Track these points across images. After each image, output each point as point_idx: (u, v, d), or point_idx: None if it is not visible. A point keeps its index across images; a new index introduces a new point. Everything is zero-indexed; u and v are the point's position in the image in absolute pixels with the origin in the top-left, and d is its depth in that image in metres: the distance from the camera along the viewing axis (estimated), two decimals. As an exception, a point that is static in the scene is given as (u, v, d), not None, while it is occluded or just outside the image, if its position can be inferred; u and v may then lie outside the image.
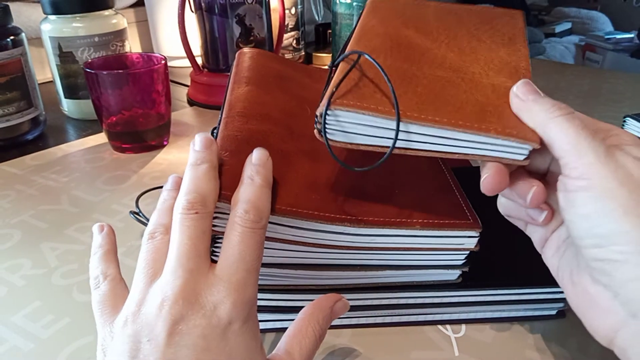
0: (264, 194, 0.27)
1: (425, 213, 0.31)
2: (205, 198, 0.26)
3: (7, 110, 0.61)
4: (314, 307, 0.28)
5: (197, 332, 0.23)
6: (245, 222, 0.25)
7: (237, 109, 0.35)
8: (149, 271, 0.25)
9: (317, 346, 0.27)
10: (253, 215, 0.26)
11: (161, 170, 0.57)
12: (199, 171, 0.27)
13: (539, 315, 0.35)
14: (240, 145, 0.31)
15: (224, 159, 0.30)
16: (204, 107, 0.76)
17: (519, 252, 0.37)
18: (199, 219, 0.26)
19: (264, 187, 0.27)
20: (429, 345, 0.33)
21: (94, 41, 0.68)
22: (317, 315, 0.28)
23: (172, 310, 0.23)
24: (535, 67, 0.95)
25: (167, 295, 0.24)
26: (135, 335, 0.23)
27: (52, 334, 0.34)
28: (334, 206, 0.30)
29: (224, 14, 0.72)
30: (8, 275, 0.40)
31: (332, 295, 0.29)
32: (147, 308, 0.24)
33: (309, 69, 0.47)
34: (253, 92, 0.38)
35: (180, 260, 0.25)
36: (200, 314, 0.23)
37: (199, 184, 0.27)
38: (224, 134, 0.33)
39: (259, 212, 0.26)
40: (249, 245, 0.25)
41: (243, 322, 0.24)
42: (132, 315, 0.24)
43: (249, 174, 0.28)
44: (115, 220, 0.47)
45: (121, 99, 0.57)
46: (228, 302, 0.24)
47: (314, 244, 0.30)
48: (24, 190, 0.53)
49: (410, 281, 0.33)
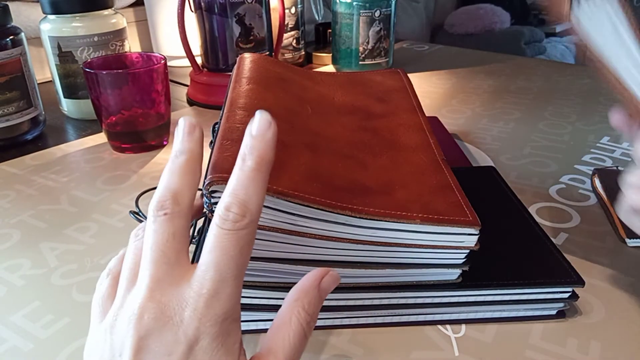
0: (253, 180, 0.23)
1: (425, 209, 0.31)
2: (177, 194, 0.24)
3: (6, 110, 0.61)
4: (297, 291, 0.25)
5: (162, 349, 0.21)
6: (224, 223, 0.22)
7: (239, 104, 0.35)
8: (129, 275, 0.24)
9: (306, 337, 0.24)
10: (235, 212, 0.22)
11: (161, 170, 0.56)
12: (175, 165, 0.25)
13: (539, 315, 0.35)
14: (242, 134, 0.31)
15: (226, 146, 0.30)
16: (203, 106, 0.76)
17: (519, 252, 0.37)
18: (167, 220, 0.23)
19: (256, 171, 0.23)
20: (429, 345, 0.33)
21: (94, 41, 0.68)
22: (302, 301, 0.24)
23: (138, 325, 0.22)
24: (535, 66, 0.95)
25: (134, 309, 0.22)
26: (112, 349, 0.22)
27: (52, 334, 0.34)
28: (335, 196, 0.30)
29: (223, 13, 0.72)
30: (7, 275, 0.40)
31: (315, 272, 0.25)
32: (119, 321, 0.23)
33: (309, 72, 0.47)
34: (254, 89, 0.38)
35: (149, 270, 0.23)
36: (166, 328, 0.21)
37: (172, 180, 0.24)
38: (226, 126, 0.33)
39: (242, 206, 0.22)
40: (225, 251, 0.22)
41: (213, 338, 0.22)
42: (110, 328, 0.23)
43: (242, 151, 0.23)
44: (114, 220, 0.47)
45: (121, 98, 0.57)
46: (195, 317, 0.21)
47: (312, 235, 0.30)
48: (24, 190, 0.53)
49: (410, 281, 0.33)
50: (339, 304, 0.33)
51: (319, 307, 0.25)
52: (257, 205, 0.23)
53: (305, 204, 0.28)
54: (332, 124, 0.38)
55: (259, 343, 0.24)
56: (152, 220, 0.24)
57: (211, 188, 0.27)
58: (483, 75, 0.90)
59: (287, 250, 0.31)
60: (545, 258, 0.36)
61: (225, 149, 0.30)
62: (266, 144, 0.23)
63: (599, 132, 0.65)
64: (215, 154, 0.30)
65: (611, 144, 0.62)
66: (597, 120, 0.68)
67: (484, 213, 0.32)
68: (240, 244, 0.22)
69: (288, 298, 0.25)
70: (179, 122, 0.26)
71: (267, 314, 0.33)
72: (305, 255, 0.31)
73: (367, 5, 0.82)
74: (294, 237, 0.30)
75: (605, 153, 0.59)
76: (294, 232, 0.30)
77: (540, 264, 0.35)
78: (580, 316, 0.35)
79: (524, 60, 1.03)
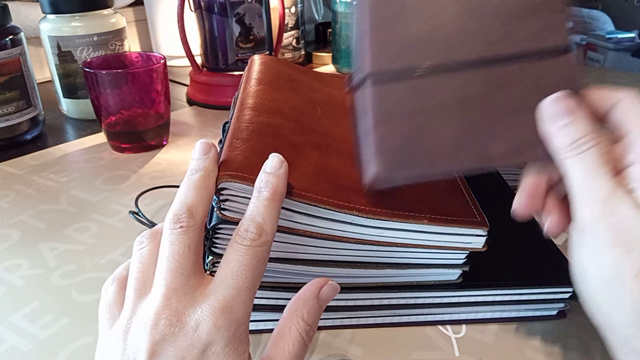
0: (268, 208, 0.26)
1: (433, 209, 0.31)
2: (193, 209, 0.26)
3: (6, 110, 0.61)
4: (297, 302, 0.26)
5: (176, 354, 0.22)
6: (243, 240, 0.24)
7: (249, 104, 0.36)
8: (137, 285, 0.25)
9: (306, 346, 0.25)
10: (252, 232, 0.25)
11: (160, 170, 0.57)
12: (191, 181, 0.27)
13: (540, 315, 0.35)
14: (251, 134, 0.32)
15: (236, 145, 0.30)
16: (203, 106, 0.76)
17: (520, 252, 0.37)
18: (183, 233, 0.25)
19: (270, 200, 0.26)
20: (429, 346, 0.33)
21: (93, 40, 0.68)
22: (301, 311, 0.25)
23: (153, 331, 0.23)
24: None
25: (150, 315, 0.23)
26: (125, 354, 0.23)
27: (51, 334, 0.34)
28: (343, 195, 0.30)
29: (223, 13, 0.71)
30: (7, 275, 0.40)
31: (315, 282, 0.27)
32: (134, 327, 0.24)
33: (320, 74, 0.47)
34: (264, 90, 0.38)
35: (165, 279, 0.24)
36: (181, 334, 0.23)
37: (188, 194, 0.26)
38: (235, 125, 0.33)
39: (259, 228, 0.25)
40: (243, 263, 0.24)
41: (226, 344, 0.23)
42: (123, 333, 0.24)
43: (257, 185, 0.27)
44: (114, 220, 0.47)
45: (120, 98, 0.57)
46: (210, 321, 0.23)
47: (318, 234, 0.30)
48: (23, 190, 0.53)
49: (411, 281, 0.33)
50: (339, 304, 0.33)
51: (319, 317, 0.26)
52: (271, 228, 0.25)
53: (313, 203, 0.28)
54: (341, 125, 0.38)
55: (264, 350, 0.25)
56: (169, 232, 0.25)
57: (220, 185, 0.28)
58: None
59: (292, 250, 0.31)
60: (545, 258, 0.36)
61: (234, 147, 0.30)
62: (279, 179, 0.27)
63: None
64: (225, 152, 0.30)
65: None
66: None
67: (485, 213, 0.32)
68: (257, 258, 0.24)
69: (288, 308, 0.26)
70: (196, 144, 0.28)
71: (270, 314, 0.33)
72: (310, 255, 0.31)
73: (367, 4, 0.82)
74: (299, 237, 0.30)
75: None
76: (301, 232, 0.30)
77: (540, 264, 0.35)
78: (581, 316, 0.35)
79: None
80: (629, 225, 0.22)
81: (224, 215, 0.28)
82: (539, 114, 0.26)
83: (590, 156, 0.24)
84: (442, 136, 0.26)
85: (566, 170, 0.24)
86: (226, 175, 0.28)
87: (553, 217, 0.26)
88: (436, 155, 0.26)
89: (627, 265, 0.22)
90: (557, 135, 0.25)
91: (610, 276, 0.22)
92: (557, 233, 0.26)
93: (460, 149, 0.26)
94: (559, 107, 0.25)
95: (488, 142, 0.26)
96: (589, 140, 0.24)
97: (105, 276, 0.40)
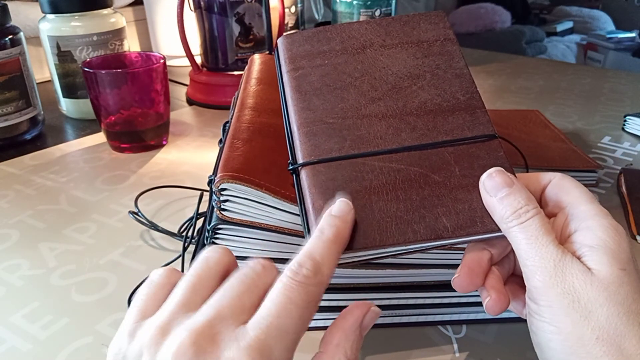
0: (329, 250, 0.23)
1: None
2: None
3: (5, 109, 0.61)
4: (338, 334, 0.23)
5: None
6: (295, 275, 0.22)
7: (249, 104, 0.36)
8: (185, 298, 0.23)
9: None
10: (307, 268, 0.22)
11: (160, 170, 0.56)
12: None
13: (540, 315, 0.35)
14: (252, 134, 0.32)
15: (236, 145, 0.30)
16: (203, 106, 0.76)
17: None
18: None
19: (333, 242, 0.24)
20: (430, 346, 0.33)
21: (93, 40, 0.68)
22: (344, 347, 0.22)
23: (182, 349, 0.20)
24: (536, 66, 0.95)
25: (184, 338, 0.20)
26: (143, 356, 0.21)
27: (51, 335, 0.34)
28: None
29: (223, 12, 0.71)
30: (6, 276, 0.40)
31: (355, 308, 0.24)
32: (167, 343, 0.21)
33: None
34: (264, 89, 0.38)
35: (219, 304, 0.22)
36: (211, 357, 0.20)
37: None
38: (236, 125, 0.33)
39: (316, 266, 0.22)
40: (291, 301, 0.21)
41: None
42: (154, 346, 0.21)
43: (321, 225, 0.25)
44: (114, 220, 0.47)
45: (120, 98, 0.57)
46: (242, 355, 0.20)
47: None
48: (22, 190, 0.53)
49: (411, 281, 0.33)
50: (339, 304, 0.33)
51: (360, 347, 0.24)
52: (329, 270, 0.23)
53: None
54: None
55: None
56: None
57: (221, 186, 0.28)
58: (484, 75, 0.90)
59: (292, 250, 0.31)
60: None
61: (235, 148, 0.30)
62: (346, 224, 0.25)
63: (600, 131, 0.64)
64: (226, 152, 0.30)
65: (612, 143, 0.61)
66: (598, 120, 0.67)
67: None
68: (309, 297, 0.22)
69: (328, 340, 0.23)
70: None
71: None
72: None
73: (367, 4, 0.82)
74: (300, 239, 0.30)
75: (607, 153, 0.59)
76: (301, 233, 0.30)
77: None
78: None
79: (525, 59, 1.02)
80: (583, 290, 0.23)
81: (224, 215, 0.28)
82: (480, 187, 0.27)
83: (533, 225, 0.24)
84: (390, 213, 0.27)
85: (512, 240, 0.25)
86: (227, 176, 0.28)
87: (491, 296, 0.26)
88: (387, 231, 0.26)
89: (586, 330, 0.22)
90: (497, 207, 0.26)
91: (572, 342, 0.22)
92: (496, 312, 0.26)
93: (410, 224, 0.26)
94: (498, 180, 0.26)
95: (436, 217, 0.27)
96: (529, 210, 0.25)
97: (105, 276, 0.40)
